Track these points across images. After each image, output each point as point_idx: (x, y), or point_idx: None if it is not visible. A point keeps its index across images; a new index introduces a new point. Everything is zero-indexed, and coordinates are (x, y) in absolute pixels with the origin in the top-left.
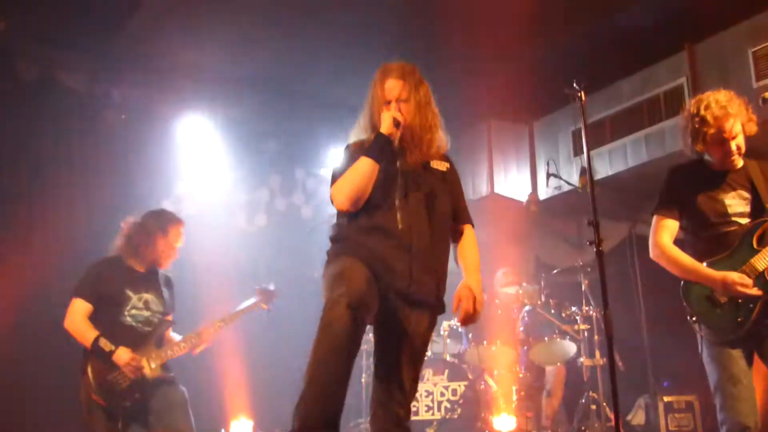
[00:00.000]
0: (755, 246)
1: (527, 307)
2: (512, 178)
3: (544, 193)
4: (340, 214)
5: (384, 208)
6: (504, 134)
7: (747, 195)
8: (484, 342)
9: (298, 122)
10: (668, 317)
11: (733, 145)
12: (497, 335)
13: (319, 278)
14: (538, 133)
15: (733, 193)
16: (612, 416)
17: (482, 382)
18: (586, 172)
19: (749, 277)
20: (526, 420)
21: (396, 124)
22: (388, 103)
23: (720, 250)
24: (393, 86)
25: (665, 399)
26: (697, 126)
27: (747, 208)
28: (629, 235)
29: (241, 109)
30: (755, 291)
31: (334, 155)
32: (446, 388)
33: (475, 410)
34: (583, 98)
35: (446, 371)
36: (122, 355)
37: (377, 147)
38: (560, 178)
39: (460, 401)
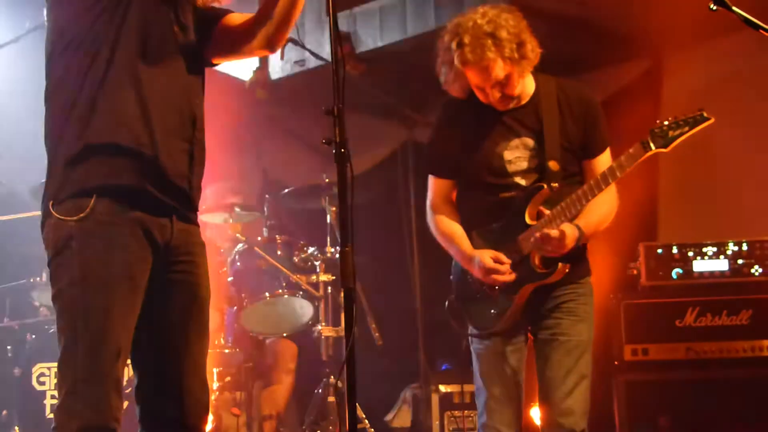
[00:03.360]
0: (528, 220)
1: (240, 246)
2: None
3: (278, 70)
4: None
5: None
6: None
7: (532, 144)
8: None
9: None
10: None
11: (498, 94)
12: None
13: None
14: None
15: (515, 142)
16: (361, 415)
17: None
18: (342, 39)
19: (511, 258)
20: (233, 420)
21: None
22: None
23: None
24: None
25: (442, 389)
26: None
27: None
28: (407, 144)
29: None
30: (509, 277)
31: None
32: None
33: None
34: None
35: None
36: None
37: None
38: (304, 48)
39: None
